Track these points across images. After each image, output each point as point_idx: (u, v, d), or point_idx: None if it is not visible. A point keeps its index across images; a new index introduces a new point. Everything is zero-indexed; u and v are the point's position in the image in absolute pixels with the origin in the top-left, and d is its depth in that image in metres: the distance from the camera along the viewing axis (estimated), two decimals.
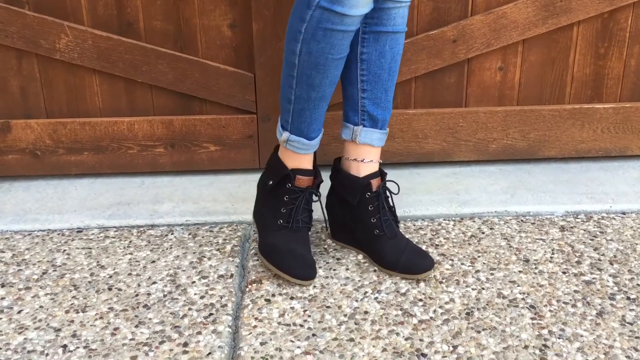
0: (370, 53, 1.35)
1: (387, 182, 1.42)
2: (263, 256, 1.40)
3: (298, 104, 1.33)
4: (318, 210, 1.54)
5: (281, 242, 1.38)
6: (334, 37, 1.23)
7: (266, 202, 1.43)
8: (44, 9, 1.65)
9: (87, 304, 1.30)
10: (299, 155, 1.39)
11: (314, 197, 1.42)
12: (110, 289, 1.35)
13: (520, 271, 1.39)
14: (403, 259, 1.35)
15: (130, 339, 1.20)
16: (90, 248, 1.50)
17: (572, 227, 1.56)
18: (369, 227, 1.40)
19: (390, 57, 1.36)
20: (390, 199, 1.44)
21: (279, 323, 1.24)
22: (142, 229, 1.58)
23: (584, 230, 1.55)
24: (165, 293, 1.33)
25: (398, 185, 1.49)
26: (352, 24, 1.22)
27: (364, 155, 1.41)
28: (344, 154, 1.44)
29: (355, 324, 1.23)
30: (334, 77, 1.31)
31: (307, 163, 1.40)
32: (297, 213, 1.39)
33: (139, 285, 1.36)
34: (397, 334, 1.21)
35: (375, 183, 1.40)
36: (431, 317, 1.25)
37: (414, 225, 1.58)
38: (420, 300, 1.30)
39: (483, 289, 1.33)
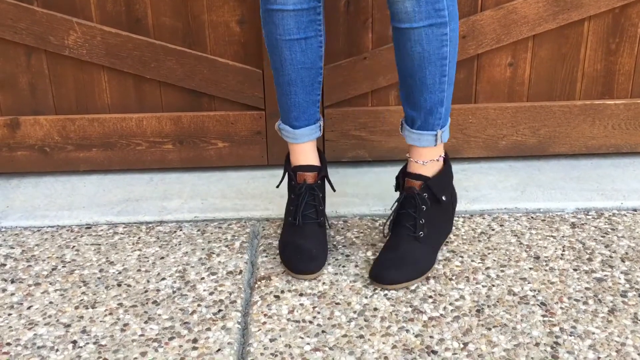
0: (395, 47, 1.31)
1: (424, 193, 1.36)
2: (279, 252, 1.42)
3: (277, 90, 1.40)
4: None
5: (287, 237, 1.40)
6: (275, 17, 1.29)
7: (288, 199, 1.45)
8: (53, 6, 1.65)
9: (97, 300, 1.30)
10: (295, 148, 1.41)
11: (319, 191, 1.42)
12: (119, 285, 1.35)
13: (530, 268, 1.38)
14: (376, 261, 1.36)
15: (140, 335, 1.20)
16: (100, 244, 1.50)
17: (582, 224, 1.55)
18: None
19: (404, 54, 1.27)
20: (421, 209, 1.37)
21: (288, 319, 1.24)
22: (150, 225, 1.58)
23: (595, 227, 1.54)
24: (175, 289, 1.33)
25: (442, 200, 1.38)
26: (286, 3, 1.27)
27: (409, 149, 1.38)
28: None
29: (365, 320, 1.23)
30: (294, 61, 1.33)
31: (309, 158, 1.41)
32: (302, 209, 1.39)
33: (148, 281, 1.36)
34: (407, 330, 1.20)
35: (408, 182, 1.37)
36: (441, 314, 1.24)
37: None
38: (430, 297, 1.29)
39: (493, 286, 1.32)
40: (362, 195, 1.67)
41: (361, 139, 1.79)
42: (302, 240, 1.37)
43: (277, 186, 1.50)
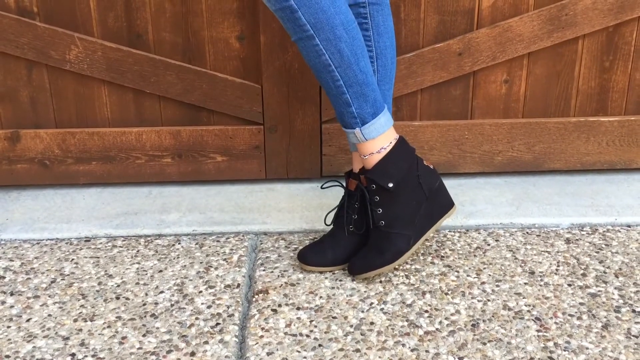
0: None
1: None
2: None
3: None
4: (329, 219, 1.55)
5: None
6: None
7: None
8: (55, 21, 1.67)
9: (95, 313, 1.31)
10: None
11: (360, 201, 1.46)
12: (118, 298, 1.36)
13: (525, 283, 1.39)
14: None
15: (138, 348, 1.21)
16: (98, 257, 1.51)
17: (577, 240, 1.56)
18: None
19: None
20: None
21: (286, 333, 1.25)
22: (149, 238, 1.59)
23: (590, 242, 1.55)
24: (173, 302, 1.34)
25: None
26: None
27: None
28: None
29: (361, 334, 1.24)
30: None
31: (354, 163, 1.48)
32: (339, 212, 1.47)
33: (146, 294, 1.37)
34: (403, 345, 1.21)
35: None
36: (437, 329, 1.25)
37: None
38: (426, 311, 1.30)
39: (489, 300, 1.34)
40: None
41: None
42: (328, 239, 1.47)
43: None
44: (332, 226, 1.48)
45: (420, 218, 1.42)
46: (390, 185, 1.38)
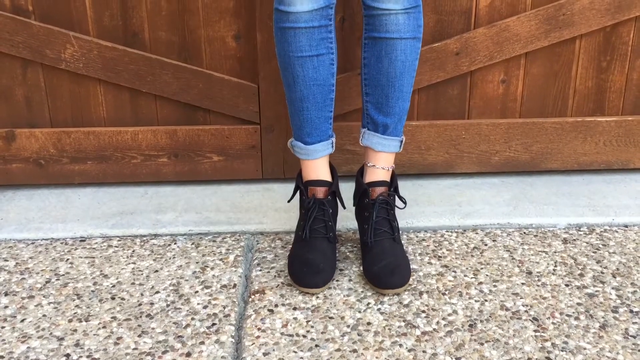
0: (369, 58, 1.41)
1: (393, 195, 1.45)
2: (288, 265, 1.42)
3: (289, 106, 1.45)
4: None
5: (296, 251, 1.41)
6: (288, 35, 1.33)
7: (299, 214, 1.48)
8: (50, 19, 1.66)
9: (90, 313, 1.30)
10: (307, 164, 1.44)
11: (331, 207, 1.44)
12: (113, 298, 1.35)
13: (523, 283, 1.39)
14: (374, 270, 1.36)
15: (134, 349, 1.20)
16: (94, 257, 1.51)
17: (574, 240, 1.56)
18: (361, 232, 1.45)
19: (387, 63, 1.38)
20: (392, 212, 1.43)
21: (282, 334, 1.24)
22: (145, 238, 1.58)
23: (587, 242, 1.55)
24: (168, 303, 1.33)
25: (405, 202, 1.49)
26: (297, 20, 1.31)
27: (368, 158, 1.47)
28: None
29: (358, 335, 1.23)
30: (305, 77, 1.37)
31: (320, 173, 1.44)
32: (311, 224, 1.40)
33: (142, 294, 1.36)
34: (400, 345, 1.21)
35: (376, 191, 1.42)
36: (434, 329, 1.25)
37: (417, 236, 1.58)
38: (423, 311, 1.30)
39: (486, 300, 1.33)
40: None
41: (355, 153, 1.80)
42: (310, 254, 1.38)
43: (289, 201, 1.51)
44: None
45: None
46: (403, 200, 1.48)
